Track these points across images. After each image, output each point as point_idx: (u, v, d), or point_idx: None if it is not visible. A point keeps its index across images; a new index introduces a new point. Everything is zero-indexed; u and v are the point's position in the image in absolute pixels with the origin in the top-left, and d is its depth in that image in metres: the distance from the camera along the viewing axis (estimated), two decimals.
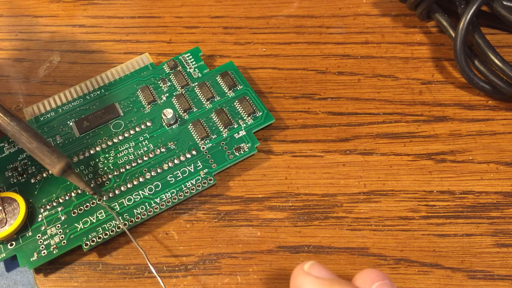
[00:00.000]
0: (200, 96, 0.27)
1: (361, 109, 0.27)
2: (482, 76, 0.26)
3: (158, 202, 0.24)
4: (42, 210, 0.24)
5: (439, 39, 0.29)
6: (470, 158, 0.25)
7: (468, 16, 0.25)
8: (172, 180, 0.25)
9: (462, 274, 0.22)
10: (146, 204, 0.24)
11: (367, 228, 0.24)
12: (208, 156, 0.25)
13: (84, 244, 0.23)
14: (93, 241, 0.23)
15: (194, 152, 0.25)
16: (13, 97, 0.29)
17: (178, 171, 0.25)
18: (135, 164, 0.25)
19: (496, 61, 0.25)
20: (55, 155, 0.23)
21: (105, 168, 0.25)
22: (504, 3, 0.26)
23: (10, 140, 0.26)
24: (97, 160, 0.25)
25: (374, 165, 0.25)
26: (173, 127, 0.26)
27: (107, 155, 0.26)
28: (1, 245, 0.23)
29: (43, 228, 0.24)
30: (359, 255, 0.23)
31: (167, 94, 0.27)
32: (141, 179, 0.25)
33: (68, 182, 0.25)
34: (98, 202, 0.24)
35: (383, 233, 0.23)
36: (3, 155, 0.26)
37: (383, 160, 0.25)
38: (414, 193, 0.24)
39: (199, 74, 0.28)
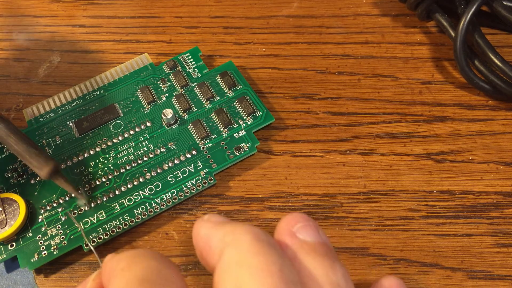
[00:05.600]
0: (199, 96, 0.27)
1: (361, 109, 0.27)
2: (482, 76, 0.26)
3: (159, 202, 0.24)
4: (42, 210, 0.24)
5: (439, 39, 0.29)
6: (470, 158, 0.25)
7: (468, 16, 0.25)
8: (172, 180, 0.25)
9: (462, 274, 0.22)
10: (147, 204, 0.24)
11: (367, 228, 0.24)
12: (208, 156, 0.25)
13: (84, 245, 0.23)
14: (93, 241, 0.23)
15: (194, 152, 0.25)
16: (13, 97, 0.29)
17: (178, 171, 0.25)
18: (135, 164, 0.25)
19: (496, 61, 0.25)
20: (43, 158, 0.23)
21: (105, 168, 0.25)
22: (504, 3, 0.26)
23: None
24: (97, 160, 0.25)
25: (374, 165, 0.25)
26: (173, 127, 0.26)
27: (107, 155, 0.26)
28: (1, 246, 0.23)
29: (43, 228, 0.24)
30: (359, 255, 0.23)
31: (167, 94, 0.27)
32: (141, 179, 0.25)
33: None
34: (68, 212, 0.24)
35: (383, 233, 0.23)
36: (3, 156, 0.26)
37: (383, 160, 0.25)
38: (414, 193, 0.24)
39: (198, 74, 0.28)
